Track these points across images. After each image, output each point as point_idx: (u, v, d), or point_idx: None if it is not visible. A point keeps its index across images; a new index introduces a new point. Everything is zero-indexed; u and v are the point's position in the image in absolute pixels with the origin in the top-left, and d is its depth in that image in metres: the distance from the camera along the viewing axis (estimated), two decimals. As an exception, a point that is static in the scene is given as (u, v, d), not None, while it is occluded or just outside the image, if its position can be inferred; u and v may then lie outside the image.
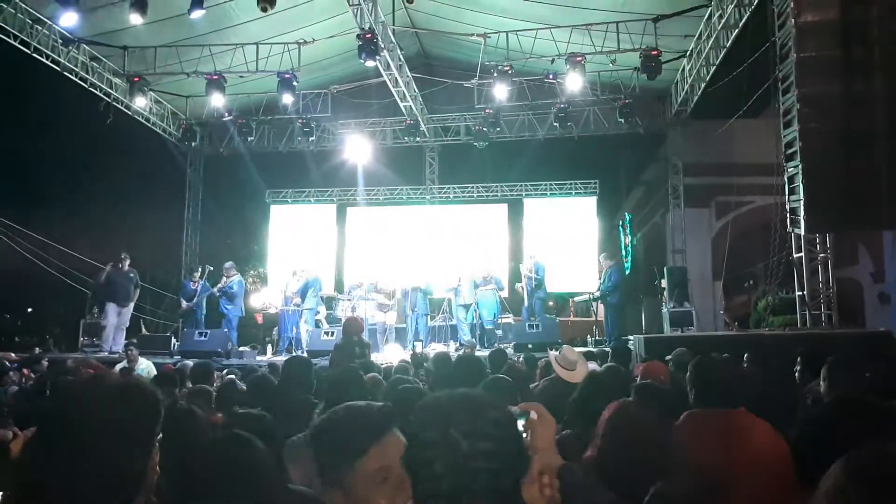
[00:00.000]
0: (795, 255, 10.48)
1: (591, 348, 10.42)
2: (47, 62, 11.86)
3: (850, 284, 15.15)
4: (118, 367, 8.71)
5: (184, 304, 13.17)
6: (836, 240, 10.82)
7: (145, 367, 9.10)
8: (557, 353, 5.08)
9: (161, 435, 1.37)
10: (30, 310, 22.03)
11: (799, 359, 5.09)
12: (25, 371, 7.78)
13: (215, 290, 12.94)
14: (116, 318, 12.03)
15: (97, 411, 1.28)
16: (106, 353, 11.32)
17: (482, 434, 1.24)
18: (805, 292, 10.32)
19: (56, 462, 1.25)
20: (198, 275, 13.20)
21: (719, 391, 2.90)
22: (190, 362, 7.41)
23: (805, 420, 3.27)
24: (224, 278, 12.95)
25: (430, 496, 1.23)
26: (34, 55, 11.58)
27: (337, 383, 3.20)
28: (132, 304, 12.48)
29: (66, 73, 12.26)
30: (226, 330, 12.46)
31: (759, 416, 2.84)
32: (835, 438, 1.80)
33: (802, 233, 9.50)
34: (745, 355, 6.30)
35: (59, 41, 11.64)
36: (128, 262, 12.28)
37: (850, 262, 15.43)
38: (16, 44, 11.23)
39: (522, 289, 13.20)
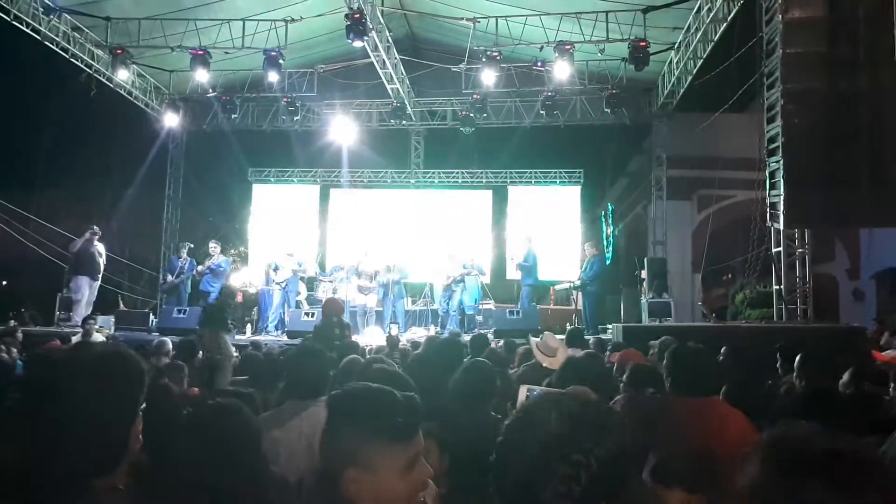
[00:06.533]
0: (774, 250, 10.59)
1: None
2: (27, 31, 11.58)
3: (826, 280, 15.39)
4: (73, 339, 8.64)
5: (169, 278, 13.09)
6: (814, 236, 10.96)
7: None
8: (539, 339, 5.10)
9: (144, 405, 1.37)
10: (4, 282, 21.73)
11: (778, 352, 5.18)
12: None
13: (205, 266, 12.83)
14: (89, 292, 11.83)
15: (79, 379, 1.28)
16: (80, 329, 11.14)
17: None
18: (782, 287, 10.46)
19: (39, 430, 1.24)
20: (185, 251, 13.10)
21: (695, 380, 2.95)
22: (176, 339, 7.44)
23: (779, 410, 3.33)
24: (211, 256, 12.93)
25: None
26: (14, 23, 11.30)
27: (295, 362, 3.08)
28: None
29: (46, 43, 11.98)
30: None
31: (734, 406, 2.90)
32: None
33: (782, 227, 9.62)
34: (723, 348, 6.38)
35: (41, 9, 11.38)
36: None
37: (826, 258, 15.67)
38: (-5, 11, 10.96)
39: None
